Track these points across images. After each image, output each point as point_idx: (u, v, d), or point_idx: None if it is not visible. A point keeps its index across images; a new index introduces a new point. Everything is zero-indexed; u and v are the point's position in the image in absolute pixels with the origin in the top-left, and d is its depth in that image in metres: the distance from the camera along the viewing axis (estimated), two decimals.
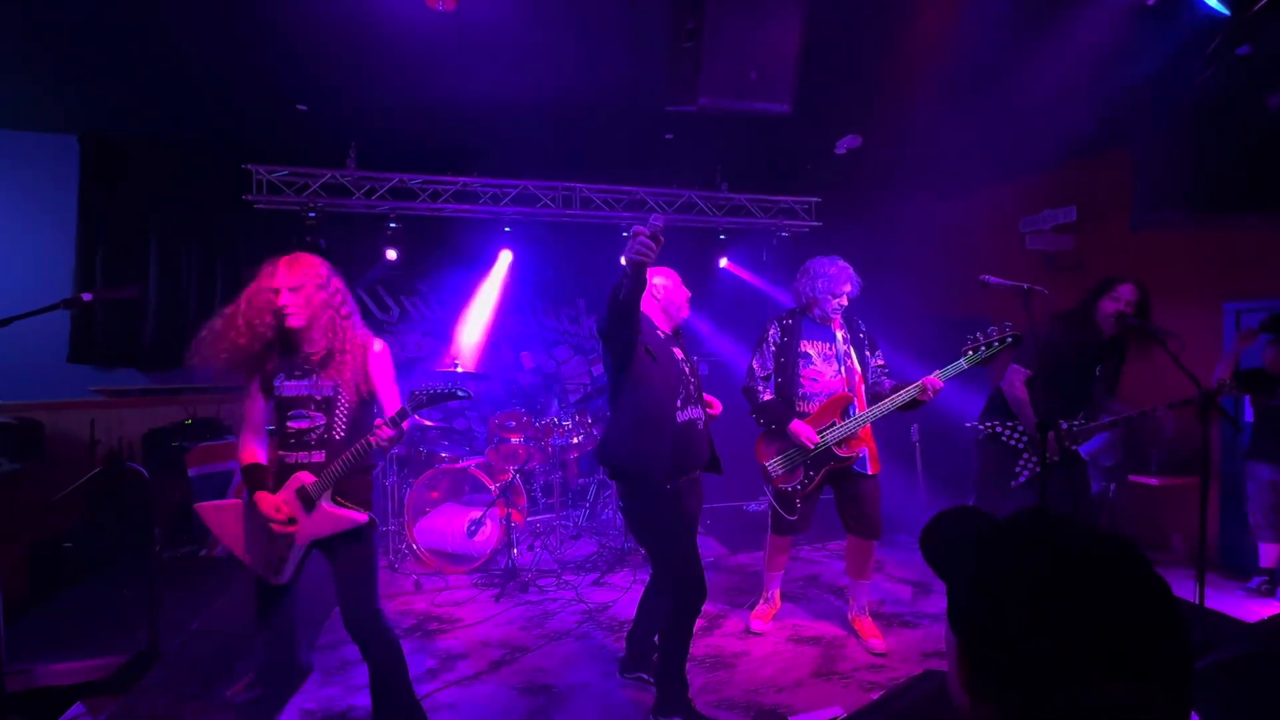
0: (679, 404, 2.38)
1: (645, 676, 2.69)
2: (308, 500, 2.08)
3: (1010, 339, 2.67)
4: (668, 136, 4.82)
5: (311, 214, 4.73)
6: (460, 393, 2.13)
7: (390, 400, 2.18)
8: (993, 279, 2.45)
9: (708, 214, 5.48)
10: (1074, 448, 2.98)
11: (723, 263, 5.93)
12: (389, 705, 2.21)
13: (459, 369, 4.61)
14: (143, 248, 4.90)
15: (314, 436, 2.11)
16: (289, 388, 2.12)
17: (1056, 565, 0.56)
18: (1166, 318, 3.04)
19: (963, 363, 2.71)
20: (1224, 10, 1.96)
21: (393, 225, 4.98)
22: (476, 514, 4.07)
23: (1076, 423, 2.96)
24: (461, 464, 4.24)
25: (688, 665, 2.44)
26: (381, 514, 4.40)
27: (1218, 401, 2.50)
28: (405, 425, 2.07)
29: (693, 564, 2.35)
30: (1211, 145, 2.55)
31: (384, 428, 2.02)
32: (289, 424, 2.12)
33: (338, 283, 2.19)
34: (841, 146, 4.76)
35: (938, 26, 3.05)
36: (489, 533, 4.08)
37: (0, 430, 4.23)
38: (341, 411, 2.12)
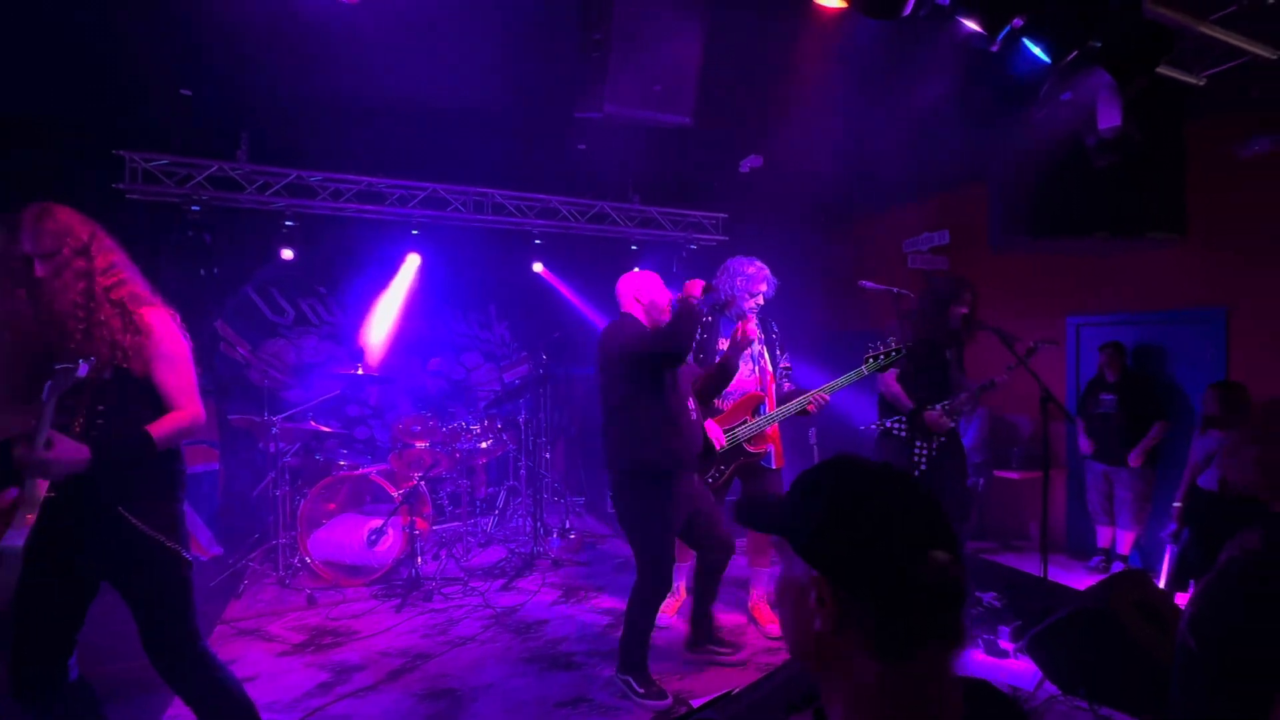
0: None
1: (716, 649, 2.90)
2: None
3: (904, 348, 2.96)
4: (580, 146, 4.90)
5: (195, 207, 4.42)
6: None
7: (182, 392, 1.72)
8: (869, 284, 2.70)
9: (620, 225, 5.61)
10: (955, 425, 3.23)
11: (635, 271, 6.06)
12: None
13: (360, 372, 4.44)
14: None
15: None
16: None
17: (866, 479, 0.72)
18: (1020, 327, 3.47)
19: (864, 369, 2.98)
20: (1045, 58, 2.30)
21: (289, 223, 4.73)
22: (377, 523, 3.91)
23: (946, 404, 3.21)
24: (361, 471, 4.05)
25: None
26: (271, 528, 4.07)
27: (1055, 397, 2.88)
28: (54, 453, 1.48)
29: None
30: (1050, 179, 2.97)
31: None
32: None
33: (110, 250, 1.75)
34: (745, 165, 5.04)
35: (815, 66, 3.35)
36: (391, 542, 3.92)
37: None
38: (85, 398, 1.64)
